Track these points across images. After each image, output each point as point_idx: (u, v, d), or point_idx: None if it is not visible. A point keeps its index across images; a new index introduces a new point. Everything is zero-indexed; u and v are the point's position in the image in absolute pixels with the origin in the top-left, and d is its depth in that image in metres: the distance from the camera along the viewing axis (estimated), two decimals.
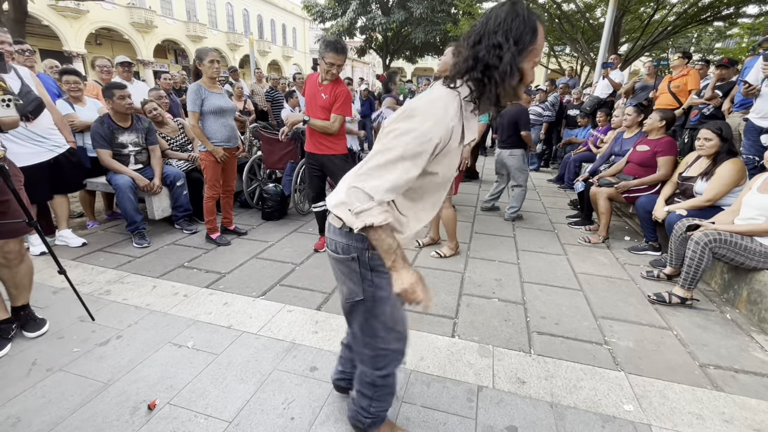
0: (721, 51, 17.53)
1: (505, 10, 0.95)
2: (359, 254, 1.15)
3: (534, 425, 1.57)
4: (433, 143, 0.98)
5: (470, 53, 0.99)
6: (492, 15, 0.97)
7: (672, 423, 1.59)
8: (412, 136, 0.97)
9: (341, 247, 1.16)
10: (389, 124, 1.02)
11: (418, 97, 1.08)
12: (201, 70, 3.02)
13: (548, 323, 2.30)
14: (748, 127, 3.41)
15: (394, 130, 1.00)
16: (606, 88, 6.62)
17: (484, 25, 0.97)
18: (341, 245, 1.16)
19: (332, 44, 2.73)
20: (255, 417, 1.58)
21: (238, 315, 2.30)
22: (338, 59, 2.76)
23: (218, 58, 3.07)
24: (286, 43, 35.95)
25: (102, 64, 4.04)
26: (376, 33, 17.79)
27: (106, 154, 3.31)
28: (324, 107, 2.90)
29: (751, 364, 1.99)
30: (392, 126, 1.01)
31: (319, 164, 3.08)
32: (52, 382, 1.74)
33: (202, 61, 2.99)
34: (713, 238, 2.36)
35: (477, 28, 0.99)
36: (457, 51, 1.04)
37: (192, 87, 3.02)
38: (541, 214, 4.52)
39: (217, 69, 3.04)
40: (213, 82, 3.10)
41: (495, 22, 0.95)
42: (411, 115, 0.99)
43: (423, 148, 0.97)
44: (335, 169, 3.03)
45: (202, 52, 3.02)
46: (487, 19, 0.97)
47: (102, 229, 3.72)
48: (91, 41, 20.59)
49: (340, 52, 2.76)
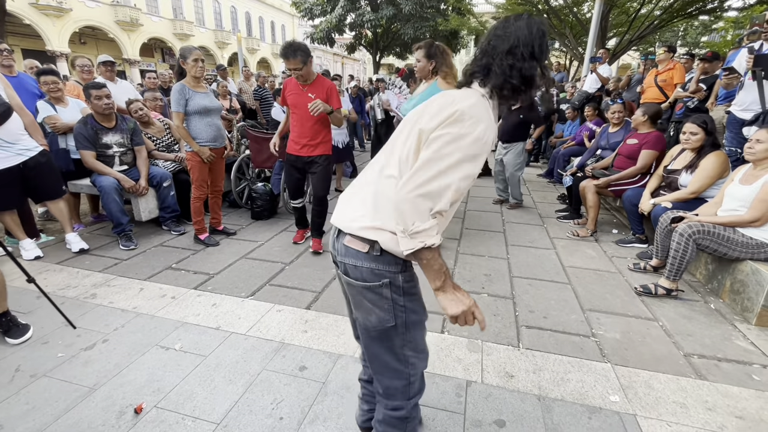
0: (707, 45, 17.76)
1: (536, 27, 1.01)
2: (392, 279, 1.04)
3: (522, 418, 1.59)
4: (489, 145, 0.98)
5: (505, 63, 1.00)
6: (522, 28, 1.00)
7: (657, 412, 1.62)
8: (469, 140, 0.94)
9: (368, 273, 1.04)
10: (435, 129, 0.96)
11: (451, 99, 1.00)
12: (185, 69, 2.97)
13: (537, 317, 2.33)
14: (730, 119, 3.47)
15: (444, 135, 0.94)
16: (594, 83, 6.67)
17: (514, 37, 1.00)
18: (367, 271, 1.03)
19: (282, 51, 2.75)
20: (243, 418, 1.57)
21: (227, 316, 2.29)
22: (292, 64, 2.74)
23: (203, 57, 3.02)
24: (275, 41, 35.61)
25: (82, 64, 3.96)
26: (366, 29, 17.69)
27: (90, 155, 3.25)
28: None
29: (734, 352, 2.02)
30: (440, 131, 0.95)
31: (301, 165, 3.08)
32: (36, 388, 1.71)
33: (186, 60, 2.93)
34: (697, 230, 2.40)
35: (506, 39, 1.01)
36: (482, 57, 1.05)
37: (176, 87, 2.96)
38: (530, 208, 4.55)
39: (201, 68, 2.99)
40: (197, 82, 3.05)
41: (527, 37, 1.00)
42: (460, 119, 0.94)
43: (481, 150, 0.96)
44: (317, 170, 3.05)
45: (186, 51, 2.96)
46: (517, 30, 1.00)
47: (88, 231, 3.66)
48: (75, 40, 20.21)
49: (290, 56, 2.72)
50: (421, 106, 1.07)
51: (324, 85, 2.92)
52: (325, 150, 3.05)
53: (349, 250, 1.05)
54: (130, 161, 3.52)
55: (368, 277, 1.04)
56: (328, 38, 17.80)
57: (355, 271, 1.05)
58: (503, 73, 1.01)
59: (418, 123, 1.00)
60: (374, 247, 1.02)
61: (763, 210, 2.27)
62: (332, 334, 2.12)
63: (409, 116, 1.07)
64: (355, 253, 1.04)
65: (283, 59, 2.75)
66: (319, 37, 17.67)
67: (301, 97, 2.90)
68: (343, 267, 1.08)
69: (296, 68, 2.76)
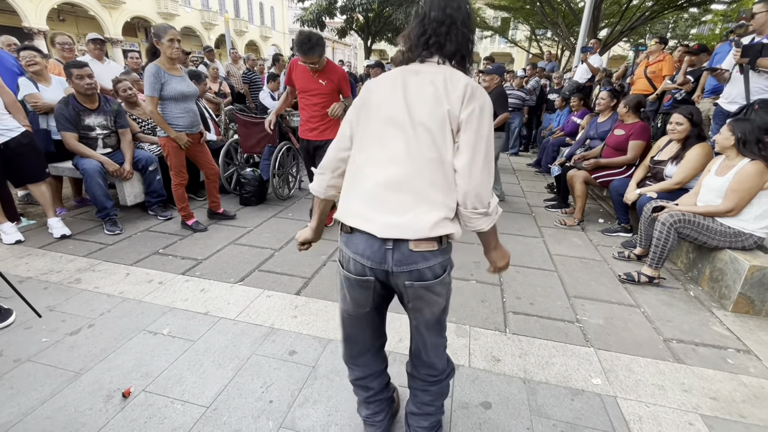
0: (696, 37, 17.94)
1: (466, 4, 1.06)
2: (451, 263, 1.11)
3: (507, 401, 1.63)
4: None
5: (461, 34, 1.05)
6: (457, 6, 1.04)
7: (636, 394, 1.68)
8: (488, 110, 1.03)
9: (439, 267, 1.05)
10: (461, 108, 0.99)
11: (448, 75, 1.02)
12: (159, 50, 2.80)
13: (523, 303, 2.37)
14: (717, 111, 3.52)
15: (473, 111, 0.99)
16: (585, 73, 6.69)
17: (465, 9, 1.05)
18: (439, 266, 1.04)
19: (299, 46, 2.66)
20: (233, 401, 1.58)
21: (216, 301, 2.28)
22: (307, 59, 2.68)
23: (178, 36, 2.84)
24: (264, 23, 34.67)
25: (62, 41, 3.81)
26: (357, 13, 17.32)
27: (72, 137, 3.15)
28: (323, 93, 2.86)
29: (710, 337, 2.10)
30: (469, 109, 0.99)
31: (311, 148, 3.07)
32: (20, 373, 1.69)
33: (161, 40, 2.75)
34: (678, 219, 2.46)
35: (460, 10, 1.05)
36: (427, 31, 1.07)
37: (150, 69, 2.76)
38: (519, 197, 4.60)
39: (177, 49, 2.81)
40: (173, 64, 2.88)
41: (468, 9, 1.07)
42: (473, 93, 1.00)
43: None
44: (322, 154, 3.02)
45: (160, 30, 2.78)
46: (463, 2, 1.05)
47: (71, 216, 3.57)
48: (54, 17, 19.32)
49: (308, 52, 2.64)
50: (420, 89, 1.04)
51: (336, 73, 2.86)
52: (333, 134, 3.00)
53: (419, 255, 1.01)
54: (114, 144, 3.42)
55: (439, 271, 1.05)
56: (318, 22, 17.37)
57: (428, 272, 1.03)
58: (462, 45, 1.05)
59: (441, 104, 0.99)
60: (445, 240, 1.04)
61: (735, 200, 2.34)
62: (322, 319, 2.13)
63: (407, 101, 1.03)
64: (426, 255, 1.01)
65: (300, 53, 2.64)
66: (309, 19, 17.23)
67: (311, 83, 2.85)
68: (413, 275, 1.03)
69: (312, 63, 2.69)
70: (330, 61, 2.92)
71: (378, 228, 1.00)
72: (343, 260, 1.12)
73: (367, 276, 1.07)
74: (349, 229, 1.06)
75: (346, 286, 1.13)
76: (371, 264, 1.04)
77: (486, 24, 18.57)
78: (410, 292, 1.06)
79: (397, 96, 1.03)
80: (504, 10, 15.70)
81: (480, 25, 18.42)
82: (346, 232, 1.08)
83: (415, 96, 1.02)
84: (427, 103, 1.00)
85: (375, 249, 1.02)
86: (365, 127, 1.08)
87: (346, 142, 1.13)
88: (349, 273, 1.09)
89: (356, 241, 1.05)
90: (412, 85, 1.03)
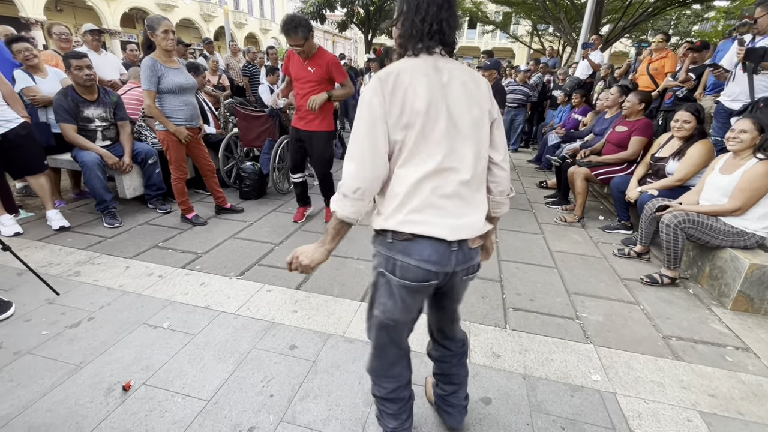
0: (698, 34, 17.85)
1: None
2: None
3: (507, 396, 1.63)
4: None
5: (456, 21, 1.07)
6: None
7: (635, 391, 1.69)
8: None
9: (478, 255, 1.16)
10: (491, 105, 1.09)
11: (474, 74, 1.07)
12: (154, 42, 2.75)
13: (524, 299, 2.37)
14: (718, 109, 3.51)
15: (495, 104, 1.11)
16: (586, 69, 6.66)
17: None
18: (478, 254, 1.16)
19: (283, 27, 2.65)
20: (233, 395, 1.58)
21: (216, 295, 2.27)
22: (293, 40, 2.66)
23: (173, 28, 2.79)
24: (263, 15, 34.39)
25: (60, 32, 3.76)
26: (358, 7, 17.18)
27: (71, 128, 3.12)
28: (312, 81, 2.84)
29: (709, 335, 2.11)
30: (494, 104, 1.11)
31: (302, 139, 3.04)
32: (20, 366, 1.68)
33: (155, 32, 2.70)
34: (682, 219, 2.45)
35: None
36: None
37: (146, 62, 2.72)
38: (519, 194, 4.59)
39: (172, 40, 2.77)
40: (169, 56, 2.84)
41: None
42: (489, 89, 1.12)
43: None
44: (318, 145, 3.01)
45: (153, 22, 2.73)
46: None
47: (69, 208, 3.55)
48: (51, 7, 19.11)
49: (291, 32, 2.63)
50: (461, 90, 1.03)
51: (324, 58, 2.82)
52: (323, 126, 2.98)
53: (475, 251, 1.11)
54: (113, 136, 3.39)
55: (479, 260, 1.16)
56: (318, 14, 17.24)
57: (477, 264, 1.14)
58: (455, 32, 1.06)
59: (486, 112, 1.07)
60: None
61: (743, 199, 2.33)
62: (322, 314, 2.13)
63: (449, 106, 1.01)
64: (478, 250, 1.13)
65: (284, 35, 2.64)
66: (309, 12, 17.10)
67: (302, 70, 2.83)
68: (469, 270, 1.12)
69: (297, 44, 2.67)
70: (322, 48, 2.88)
71: (446, 232, 1.01)
72: (396, 269, 1.05)
73: (431, 281, 1.06)
74: (409, 236, 1.02)
75: (399, 294, 1.08)
76: (437, 268, 1.03)
77: (487, 19, 18.43)
78: (462, 286, 1.17)
79: (440, 102, 0.99)
80: (506, 4, 15.60)
81: (481, 19, 18.29)
82: (402, 240, 1.03)
83: (455, 101, 1.00)
84: (470, 107, 1.03)
85: (441, 252, 1.03)
86: (418, 138, 0.99)
87: (384, 159, 1.01)
88: (406, 281, 1.05)
89: (420, 248, 1.02)
90: (448, 87, 1.00)
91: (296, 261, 1.11)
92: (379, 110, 0.98)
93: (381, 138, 0.99)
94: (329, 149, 3.12)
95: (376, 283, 1.13)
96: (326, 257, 1.11)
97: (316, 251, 1.09)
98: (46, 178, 3.10)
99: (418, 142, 0.99)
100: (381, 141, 0.99)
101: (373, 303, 1.16)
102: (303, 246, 1.12)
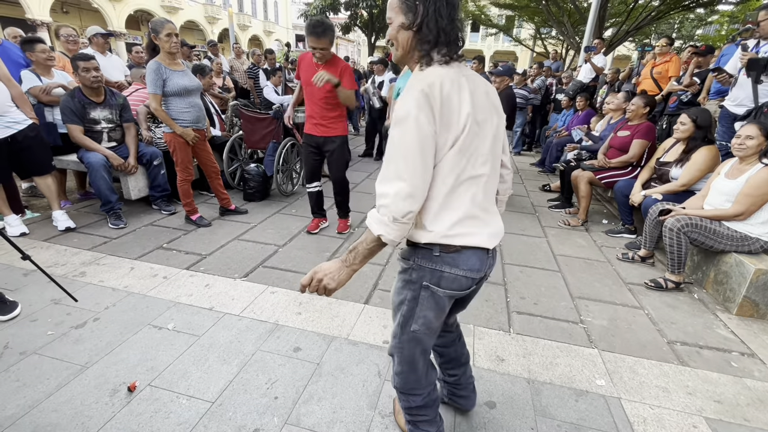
0: (702, 38, 17.83)
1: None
2: None
3: (511, 400, 1.63)
4: None
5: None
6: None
7: (640, 396, 1.68)
8: None
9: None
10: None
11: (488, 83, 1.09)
12: (158, 45, 2.78)
13: (527, 303, 2.37)
14: (723, 114, 3.50)
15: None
16: (589, 73, 6.66)
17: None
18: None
19: (310, 27, 2.62)
20: (238, 397, 1.58)
21: (220, 297, 2.28)
22: (318, 43, 2.65)
23: (176, 30, 2.82)
24: (267, 18, 34.53)
25: (67, 34, 3.79)
26: (361, 9, 17.24)
27: (77, 129, 3.14)
28: (326, 87, 2.83)
29: (714, 340, 2.10)
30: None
31: (318, 145, 3.03)
32: (26, 366, 1.69)
33: (159, 35, 2.73)
34: (685, 223, 2.45)
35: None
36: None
37: (151, 66, 2.75)
38: (523, 197, 4.59)
39: (175, 43, 2.79)
40: (173, 59, 2.86)
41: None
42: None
43: None
44: (337, 150, 3.00)
45: (157, 25, 2.75)
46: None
47: (75, 209, 3.58)
48: (57, 9, 19.26)
49: (321, 35, 2.61)
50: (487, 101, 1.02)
51: (338, 65, 2.82)
52: (339, 131, 2.98)
53: (497, 253, 1.16)
54: (119, 138, 3.42)
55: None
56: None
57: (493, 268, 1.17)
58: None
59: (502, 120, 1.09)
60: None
61: (747, 204, 2.33)
62: (326, 316, 2.13)
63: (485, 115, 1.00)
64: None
65: (312, 37, 2.61)
66: (313, 14, 17.18)
67: (313, 75, 2.84)
68: (489, 272, 1.13)
69: (323, 48, 2.66)
70: (335, 55, 2.90)
71: (487, 240, 1.05)
72: (442, 280, 1.04)
73: (471, 288, 1.09)
74: (459, 248, 1.01)
75: (442, 305, 1.08)
76: (478, 275, 1.07)
77: (491, 22, 18.46)
78: (480, 287, 1.18)
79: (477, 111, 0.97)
80: (509, 8, 15.60)
81: (484, 23, 18.32)
82: (451, 252, 1.01)
83: (482, 109, 0.99)
84: (492, 115, 1.04)
85: (484, 260, 1.07)
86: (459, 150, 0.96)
87: (430, 173, 0.95)
88: (452, 291, 1.05)
89: (466, 258, 1.03)
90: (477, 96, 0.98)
91: (318, 284, 1.02)
92: (429, 128, 0.90)
93: (430, 157, 0.92)
94: (347, 152, 3.13)
95: (417, 298, 1.07)
96: (350, 278, 1.04)
97: (341, 272, 1.01)
98: (53, 179, 3.12)
99: (459, 153, 0.96)
100: (430, 160, 0.93)
101: (411, 318, 1.10)
102: (322, 264, 1.04)
